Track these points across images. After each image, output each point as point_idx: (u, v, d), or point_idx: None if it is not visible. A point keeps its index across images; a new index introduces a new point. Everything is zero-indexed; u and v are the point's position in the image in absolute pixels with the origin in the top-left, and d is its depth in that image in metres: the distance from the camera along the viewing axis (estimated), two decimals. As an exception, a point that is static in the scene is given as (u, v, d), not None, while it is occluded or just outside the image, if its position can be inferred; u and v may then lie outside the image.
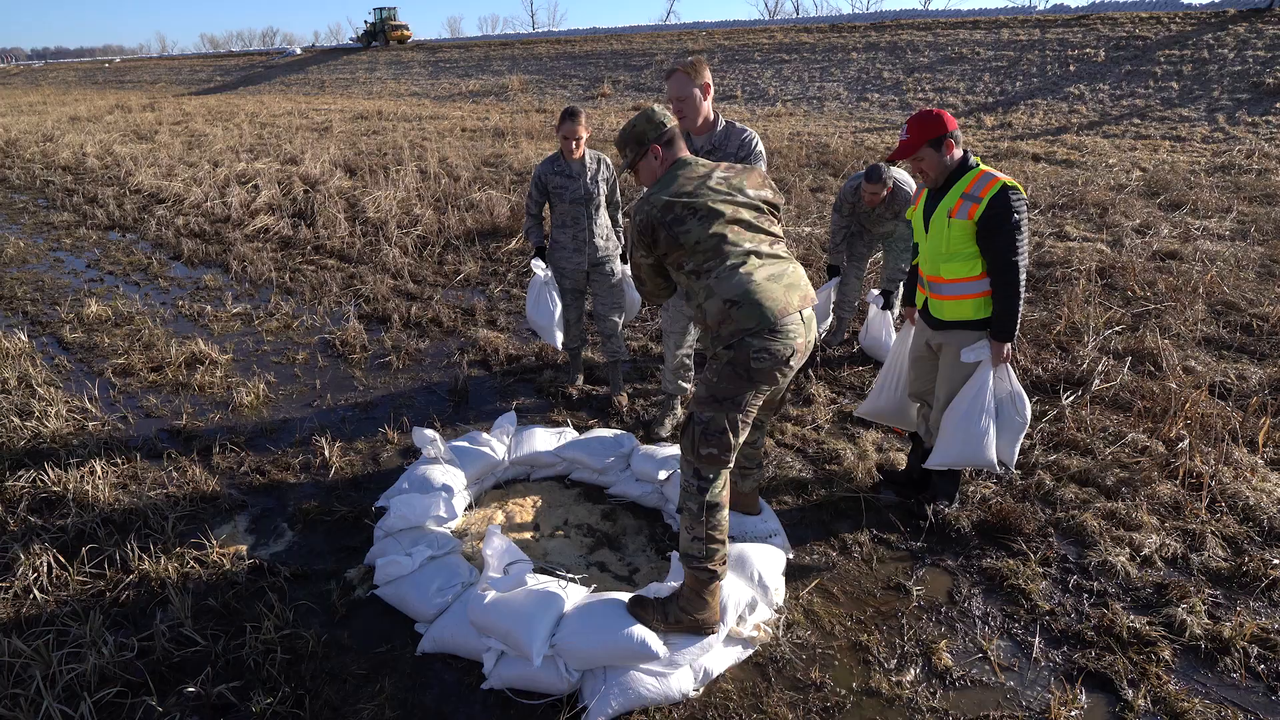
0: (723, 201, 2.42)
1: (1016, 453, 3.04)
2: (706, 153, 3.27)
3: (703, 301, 2.39)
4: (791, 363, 2.42)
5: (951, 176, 2.82)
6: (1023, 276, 2.75)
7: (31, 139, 16.28)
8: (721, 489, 2.44)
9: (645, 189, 2.58)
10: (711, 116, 3.27)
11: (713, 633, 2.45)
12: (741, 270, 2.36)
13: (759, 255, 2.41)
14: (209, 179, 10.65)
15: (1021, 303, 2.80)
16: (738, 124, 3.32)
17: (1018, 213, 2.67)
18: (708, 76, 3.20)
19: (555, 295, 4.10)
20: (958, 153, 2.80)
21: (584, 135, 3.91)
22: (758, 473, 3.04)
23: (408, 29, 39.89)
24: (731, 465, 2.47)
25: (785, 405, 2.79)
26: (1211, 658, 2.53)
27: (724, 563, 2.44)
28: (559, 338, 4.14)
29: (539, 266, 4.11)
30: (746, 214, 2.45)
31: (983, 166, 2.79)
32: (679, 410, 4.05)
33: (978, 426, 2.93)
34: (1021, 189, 2.71)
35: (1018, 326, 2.82)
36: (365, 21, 41.22)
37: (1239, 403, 4.06)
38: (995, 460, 2.99)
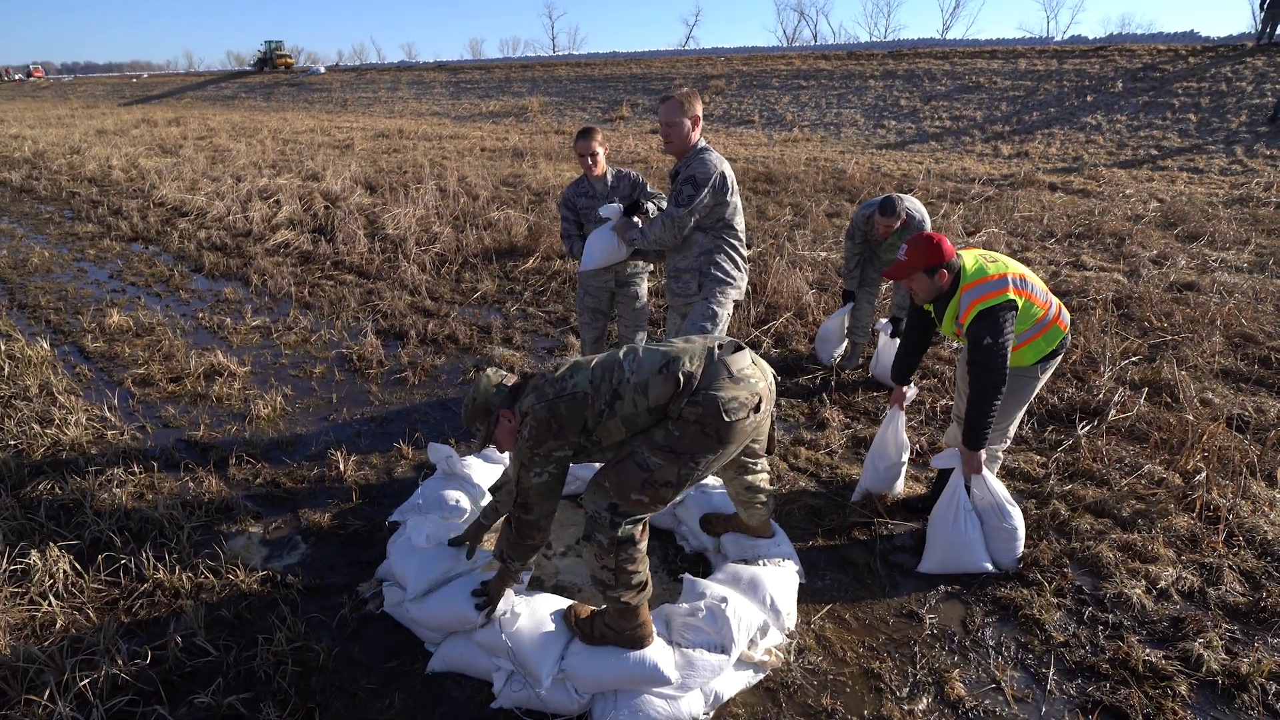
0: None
1: (1017, 555, 3.06)
2: (673, 174, 3.42)
3: (643, 401, 2.24)
4: (760, 409, 2.30)
5: (944, 294, 2.91)
6: (999, 391, 2.80)
7: (59, 151, 16.59)
8: (635, 524, 2.32)
9: (511, 449, 2.46)
10: (691, 143, 3.38)
11: (646, 646, 2.36)
12: (644, 348, 2.34)
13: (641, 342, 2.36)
14: (231, 193, 10.81)
15: (995, 413, 2.85)
16: (711, 151, 3.39)
17: (991, 335, 2.75)
18: (699, 110, 3.32)
19: (617, 238, 3.62)
20: (949, 277, 2.86)
21: (600, 151, 3.85)
22: (764, 510, 2.92)
23: (290, 58, 50.39)
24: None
25: (775, 445, 2.78)
26: (1229, 694, 2.49)
27: (641, 590, 2.34)
28: (586, 262, 3.68)
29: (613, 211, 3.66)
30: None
31: (964, 283, 2.84)
32: None
33: (961, 533, 2.99)
34: (1001, 301, 2.76)
35: (987, 439, 2.90)
36: (258, 51, 51.24)
37: (1257, 436, 4.02)
38: (989, 564, 3.03)
